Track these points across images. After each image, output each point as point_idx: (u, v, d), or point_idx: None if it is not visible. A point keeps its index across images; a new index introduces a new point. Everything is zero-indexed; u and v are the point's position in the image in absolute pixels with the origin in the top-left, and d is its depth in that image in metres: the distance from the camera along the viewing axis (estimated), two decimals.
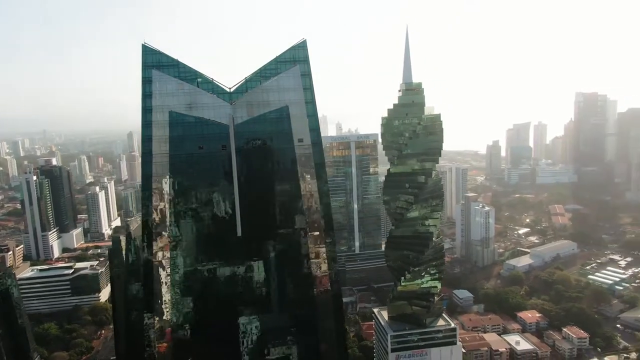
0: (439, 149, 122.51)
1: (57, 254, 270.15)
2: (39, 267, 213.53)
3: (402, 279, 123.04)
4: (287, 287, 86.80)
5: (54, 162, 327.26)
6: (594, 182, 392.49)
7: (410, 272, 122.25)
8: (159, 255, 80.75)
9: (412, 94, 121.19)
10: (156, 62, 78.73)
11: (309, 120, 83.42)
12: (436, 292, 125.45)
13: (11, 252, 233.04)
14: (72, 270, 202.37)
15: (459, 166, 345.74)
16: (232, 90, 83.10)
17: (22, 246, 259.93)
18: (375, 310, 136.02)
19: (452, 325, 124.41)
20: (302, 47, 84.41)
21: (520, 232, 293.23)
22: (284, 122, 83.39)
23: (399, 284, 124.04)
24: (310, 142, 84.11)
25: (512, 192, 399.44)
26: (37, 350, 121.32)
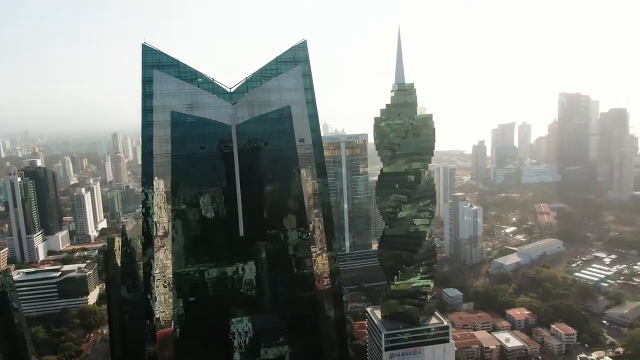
0: (431, 148, 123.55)
1: (42, 256, 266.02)
2: (24, 270, 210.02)
3: (395, 278, 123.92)
4: (290, 287, 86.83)
5: (38, 163, 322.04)
6: (578, 181, 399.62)
7: (403, 271, 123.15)
8: (160, 255, 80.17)
9: (405, 94, 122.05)
10: (156, 62, 78.10)
11: (309, 120, 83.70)
12: (429, 290, 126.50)
13: None
14: (60, 272, 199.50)
15: (447, 166, 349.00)
16: (232, 90, 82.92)
17: (6, 249, 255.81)
18: (368, 309, 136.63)
19: (444, 323, 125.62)
20: (302, 47, 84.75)
21: (507, 230, 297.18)
22: (286, 122, 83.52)
23: (392, 283, 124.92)
24: (311, 142, 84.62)
25: (498, 192, 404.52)
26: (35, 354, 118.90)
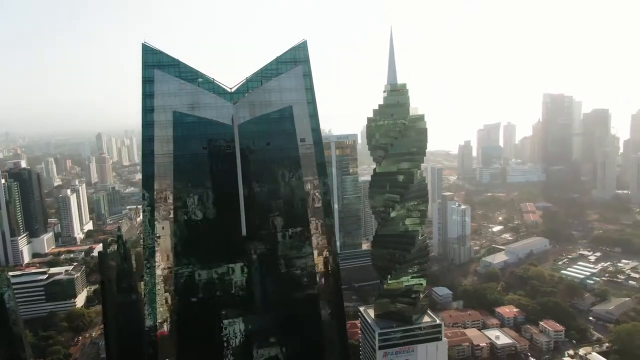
0: (424, 148, 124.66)
1: (27, 259, 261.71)
2: (10, 273, 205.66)
3: (388, 277, 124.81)
4: (292, 286, 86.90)
5: (22, 164, 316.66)
6: (562, 181, 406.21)
7: (396, 270, 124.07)
8: (160, 256, 79.59)
9: (397, 95, 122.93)
10: (156, 62, 77.67)
11: (310, 120, 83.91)
12: (421, 289, 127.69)
13: None
14: (47, 275, 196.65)
15: (434, 166, 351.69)
16: (233, 90, 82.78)
17: None
18: (361, 308, 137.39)
19: (437, 321, 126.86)
20: (302, 47, 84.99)
21: (494, 229, 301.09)
22: (288, 122, 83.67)
23: (385, 283, 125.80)
24: (312, 142, 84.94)
25: (484, 191, 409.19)
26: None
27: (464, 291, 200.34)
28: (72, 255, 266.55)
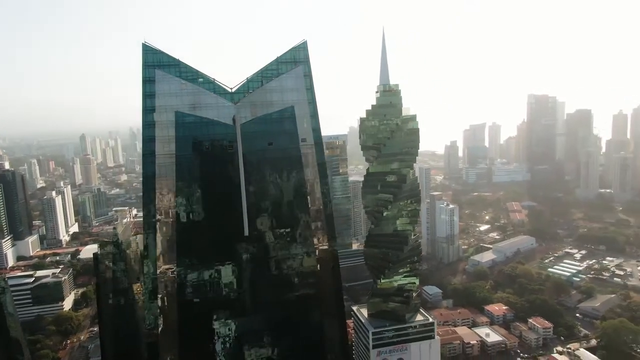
0: (416, 148, 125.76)
1: (11, 262, 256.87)
2: None
3: (382, 276, 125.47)
4: (294, 285, 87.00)
5: (6, 166, 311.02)
6: (546, 180, 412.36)
7: (389, 269, 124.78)
8: (161, 257, 78.91)
9: (390, 95, 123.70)
10: (156, 62, 76.73)
11: (311, 120, 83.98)
12: (414, 287, 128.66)
13: None
14: (33, 278, 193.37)
15: (422, 166, 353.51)
16: (233, 90, 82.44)
17: None
18: (354, 308, 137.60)
19: (430, 319, 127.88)
20: (302, 48, 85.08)
21: (481, 228, 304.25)
22: (290, 122, 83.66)
23: (378, 282, 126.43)
24: (312, 142, 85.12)
25: (470, 191, 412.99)
26: None
27: (454, 290, 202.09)
28: (57, 257, 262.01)
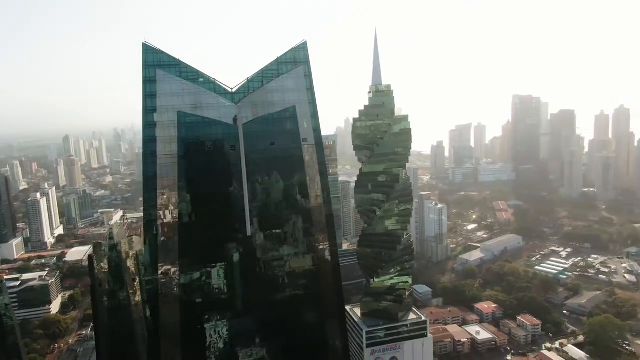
0: (409, 148, 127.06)
1: None
2: None
3: (375, 275, 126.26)
4: (295, 284, 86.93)
5: None
6: (531, 179, 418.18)
7: (382, 268, 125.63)
8: (162, 257, 78.24)
9: (382, 96, 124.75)
10: (157, 62, 76.56)
11: (311, 120, 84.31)
12: (407, 287, 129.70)
13: None
14: (19, 282, 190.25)
15: (410, 166, 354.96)
16: (234, 90, 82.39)
17: None
18: (347, 307, 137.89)
19: (423, 318, 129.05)
20: (302, 48, 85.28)
21: (469, 228, 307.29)
22: (292, 122, 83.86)
23: (372, 281, 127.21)
24: (313, 142, 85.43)
25: (457, 190, 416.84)
26: None
27: (443, 288, 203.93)
28: (43, 260, 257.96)
